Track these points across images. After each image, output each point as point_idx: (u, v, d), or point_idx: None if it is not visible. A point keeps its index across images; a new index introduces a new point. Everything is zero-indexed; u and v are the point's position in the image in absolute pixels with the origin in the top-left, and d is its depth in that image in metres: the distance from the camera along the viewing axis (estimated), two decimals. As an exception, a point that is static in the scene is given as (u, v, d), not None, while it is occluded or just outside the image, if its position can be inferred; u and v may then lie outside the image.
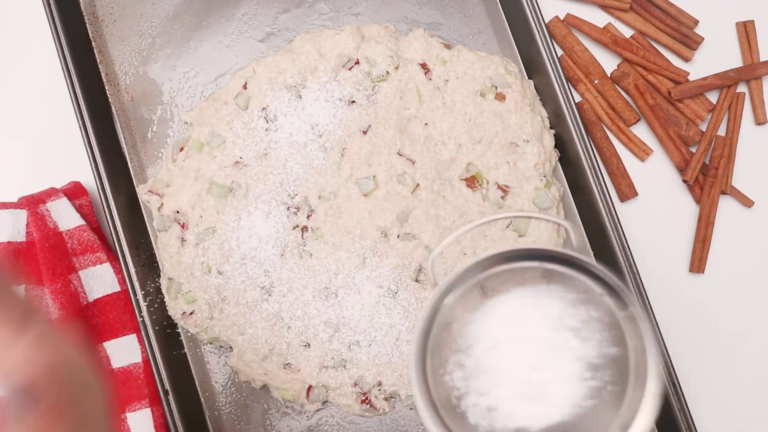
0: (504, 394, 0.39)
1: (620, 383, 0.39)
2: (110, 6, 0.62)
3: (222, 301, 0.57)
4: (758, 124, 0.62)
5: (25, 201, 0.56)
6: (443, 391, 0.40)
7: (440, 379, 0.40)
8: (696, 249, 0.60)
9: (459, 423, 0.39)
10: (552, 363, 0.39)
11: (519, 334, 0.40)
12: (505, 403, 0.39)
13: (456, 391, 0.40)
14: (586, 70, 0.62)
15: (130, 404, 0.56)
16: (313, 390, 0.56)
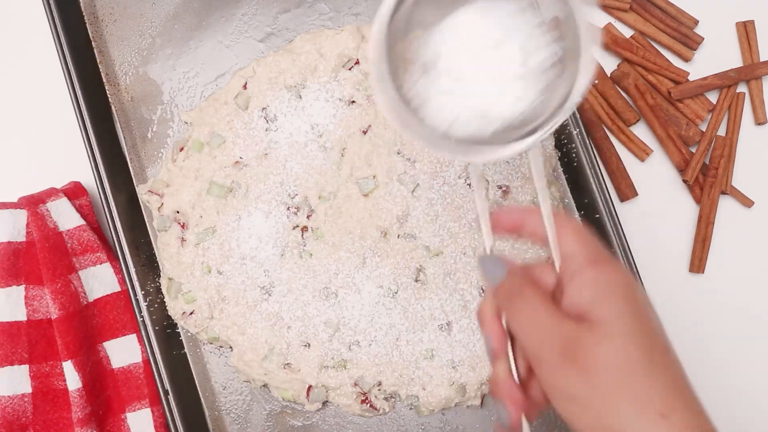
0: (462, 96, 0.40)
1: (565, 76, 0.39)
2: (110, 6, 0.62)
3: (222, 301, 0.57)
4: (758, 124, 0.62)
5: (25, 201, 0.56)
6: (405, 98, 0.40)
7: (402, 88, 0.40)
8: (696, 249, 0.60)
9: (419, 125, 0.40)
10: (504, 64, 0.39)
11: (476, 39, 0.40)
12: (462, 109, 0.40)
13: (418, 98, 0.40)
14: (586, 70, 0.62)
15: (130, 404, 0.56)
16: (313, 390, 0.56)
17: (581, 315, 0.35)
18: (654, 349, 0.34)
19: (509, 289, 0.37)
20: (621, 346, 0.33)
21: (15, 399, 0.54)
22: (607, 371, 0.33)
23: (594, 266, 0.35)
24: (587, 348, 0.33)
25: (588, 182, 0.57)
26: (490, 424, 0.58)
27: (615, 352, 0.33)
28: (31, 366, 0.55)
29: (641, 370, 0.33)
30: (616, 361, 0.33)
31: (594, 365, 0.33)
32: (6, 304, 0.55)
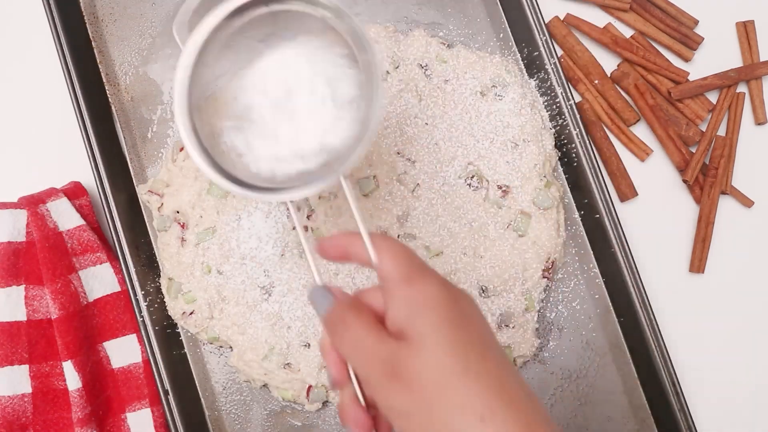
0: (280, 141, 0.41)
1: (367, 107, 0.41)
2: (110, 6, 0.62)
3: (222, 301, 0.57)
4: (758, 124, 0.62)
5: (25, 201, 0.56)
6: (223, 154, 0.41)
7: (219, 145, 0.42)
8: (696, 249, 0.60)
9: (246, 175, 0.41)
10: (317, 99, 0.41)
11: (284, 80, 0.42)
12: (283, 150, 0.41)
13: (236, 150, 0.42)
14: (586, 70, 0.62)
15: (130, 404, 0.56)
16: (313, 390, 0.56)
17: (401, 332, 0.36)
18: (469, 356, 0.34)
19: (333, 317, 0.38)
20: (435, 357, 0.34)
21: (15, 399, 0.54)
22: (427, 382, 0.34)
23: (408, 283, 0.36)
24: (406, 363, 0.35)
25: (588, 182, 0.57)
26: (490, 424, 0.58)
27: (430, 363, 0.34)
28: (31, 366, 0.55)
29: (457, 377, 0.34)
30: (433, 372, 0.34)
31: (414, 379, 0.34)
32: (6, 304, 0.55)
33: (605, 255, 0.57)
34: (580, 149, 0.57)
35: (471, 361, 0.35)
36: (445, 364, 0.34)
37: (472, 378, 0.34)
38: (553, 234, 0.57)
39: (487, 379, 0.34)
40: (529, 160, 0.57)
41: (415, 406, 0.34)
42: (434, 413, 0.34)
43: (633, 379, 0.58)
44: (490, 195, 0.57)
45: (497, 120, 0.58)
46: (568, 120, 0.57)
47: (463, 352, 0.35)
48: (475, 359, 0.35)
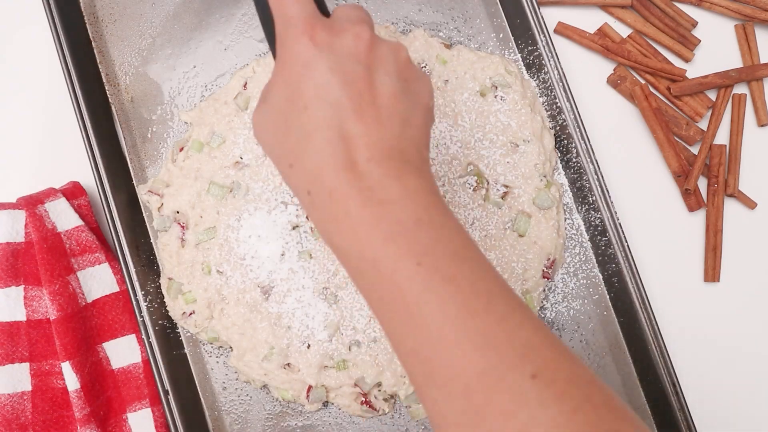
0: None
1: None
2: (110, 6, 0.62)
3: (222, 301, 0.57)
4: (761, 126, 0.62)
5: (24, 201, 0.56)
6: None
7: None
8: (708, 258, 0.60)
9: None
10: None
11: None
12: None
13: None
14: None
15: (130, 404, 0.56)
16: (313, 390, 0.56)
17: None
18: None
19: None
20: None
21: (14, 397, 0.54)
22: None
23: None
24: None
25: (588, 182, 0.57)
26: (490, 424, 0.58)
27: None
28: (32, 364, 0.55)
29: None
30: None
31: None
32: (5, 305, 0.54)
33: (605, 255, 0.58)
34: (581, 149, 0.57)
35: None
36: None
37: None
38: (553, 234, 0.57)
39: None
40: (529, 161, 0.58)
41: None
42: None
43: (633, 379, 0.58)
44: (490, 195, 0.57)
45: (497, 120, 0.58)
46: (568, 120, 0.57)
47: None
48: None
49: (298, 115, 0.37)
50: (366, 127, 0.36)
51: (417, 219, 0.35)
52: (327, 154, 0.36)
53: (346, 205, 0.35)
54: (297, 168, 0.37)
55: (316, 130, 0.36)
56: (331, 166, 0.36)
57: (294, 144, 0.37)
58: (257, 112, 0.40)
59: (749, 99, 0.62)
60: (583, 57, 0.63)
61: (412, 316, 0.34)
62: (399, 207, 0.35)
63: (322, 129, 0.36)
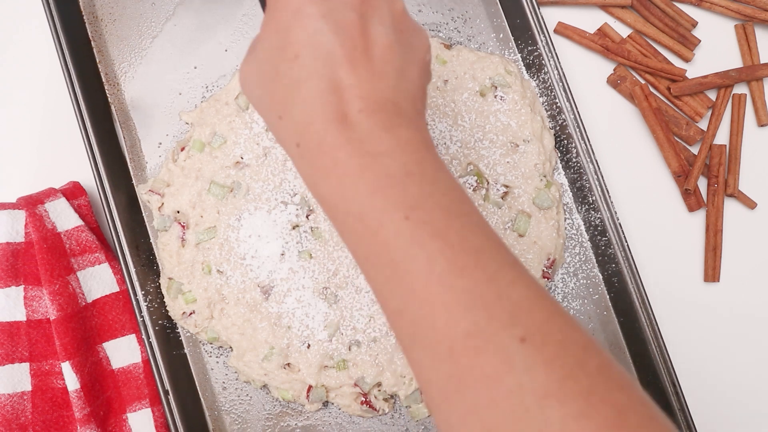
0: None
1: None
2: (110, 6, 0.61)
3: (222, 301, 0.56)
4: (761, 126, 0.62)
5: (24, 201, 0.56)
6: None
7: None
8: (708, 258, 0.60)
9: None
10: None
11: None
12: None
13: None
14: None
15: (130, 404, 0.56)
16: (313, 390, 0.56)
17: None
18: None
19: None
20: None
21: (14, 397, 0.54)
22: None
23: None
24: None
25: (588, 182, 0.57)
26: (490, 424, 0.58)
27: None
28: (32, 364, 0.55)
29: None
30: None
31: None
32: (5, 305, 0.54)
33: (605, 255, 0.58)
34: (581, 149, 0.57)
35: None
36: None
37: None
38: (553, 234, 0.57)
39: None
40: (529, 160, 0.58)
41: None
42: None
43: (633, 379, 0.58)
44: (490, 195, 0.57)
45: (497, 120, 0.58)
46: (568, 120, 0.57)
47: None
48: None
49: (288, 65, 0.36)
50: (358, 78, 0.35)
51: (407, 171, 0.33)
52: (317, 105, 0.35)
53: (334, 156, 0.34)
54: (286, 119, 0.36)
55: (307, 80, 0.35)
56: (321, 116, 0.34)
57: (283, 94, 0.36)
58: (245, 62, 0.38)
59: (749, 99, 0.62)
60: (583, 57, 0.63)
61: (397, 274, 0.32)
62: (389, 159, 0.34)
63: (312, 78, 0.35)
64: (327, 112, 0.34)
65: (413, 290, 0.32)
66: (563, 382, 0.29)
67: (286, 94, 0.36)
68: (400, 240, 0.32)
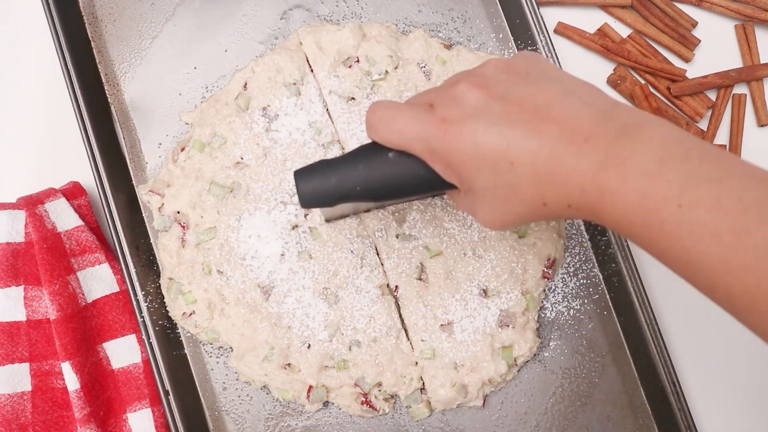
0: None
1: None
2: (109, 6, 0.62)
3: (222, 302, 0.56)
4: (761, 126, 0.62)
5: (24, 201, 0.56)
6: None
7: None
8: None
9: None
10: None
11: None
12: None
13: None
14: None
15: (130, 404, 0.56)
16: (314, 390, 0.56)
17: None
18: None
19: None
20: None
21: (14, 397, 0.54)
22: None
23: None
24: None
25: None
26: (491, 424, 0.58)
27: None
28: (32, 364, 0.55)
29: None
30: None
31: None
32: (5, 305, 0.54)
33: (605, 255, 0.58)
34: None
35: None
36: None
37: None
38: (553, 234, 0.57)
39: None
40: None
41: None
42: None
43: (633, 379, 0.58)
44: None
45: (497, 120, 0.58)
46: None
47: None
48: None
49: (512, 173, 0.38)
50: (555, 130, 0.37)
51: (659, 159, 0.35)
52: (558, 171, 0.37)
53: (597, 188, 0.36)
54: (550, 201, 0.39)
55: (534, 167, 0.38)
56: (569, 173, 0.37)
57: (532, 191, 0.39)
58: (482, 211, 0.42)
59: (749, 99, 0.62)
60: (583, 57, 0.63)
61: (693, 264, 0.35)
62: (635, 159, 0.35)
63: (537, 163, 0.37)
64: (570, 166, 0.37)
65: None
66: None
67: (534, 187, 0.39)
68: (678, 227, 0.34)
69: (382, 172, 0.43)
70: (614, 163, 0.36)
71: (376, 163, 0.43)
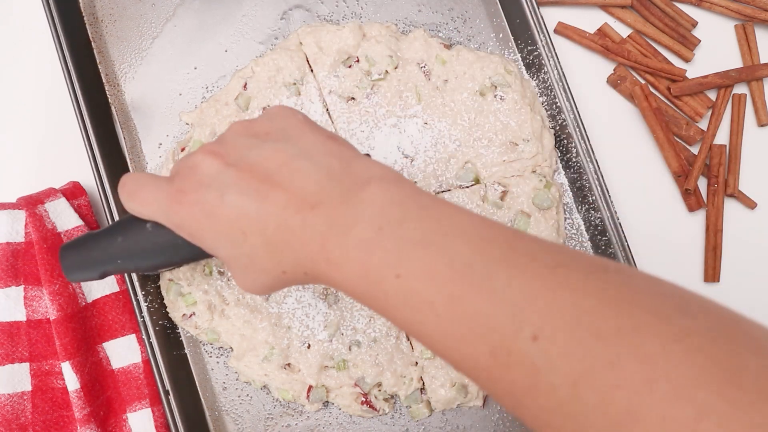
0: None
1: None
2: (110, 6, 0.62)
3: (222, 303, 0.56)
4: (761, 126, 0.62)
5: (24, 201, 0.56)
6: None
7: None
8: (708, 258, 0.60)
9: None
10: None
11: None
12: None
13: None
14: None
15: (130, 404, 0.56)
16: (314, 390, 0.56)
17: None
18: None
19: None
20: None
21: (14, 397, 0.54)
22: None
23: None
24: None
25: (588, 182, 0.57)
26: (491, 424, 0.58)
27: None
28: (32, 364, 0.55)
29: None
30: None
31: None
32: (5, 305, 0.54)
33: (605, 255, 0.58)
34: (580, 149, 0.57)
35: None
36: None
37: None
38: (553, 235, 0.57)
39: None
40: (528, 160, 0.58)
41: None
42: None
43: (633, 379, 0.58)
44: (489, 195, 0.57)
45: (497, 120, 0.58)
46: (568, 120, 0.57)
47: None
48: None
49: (248, 243, 0.38)
50: (279, 198, 0.36)
51: (378, 227, 0.34)
52: (290, 241, 0.37)
53: (327, 260, 0.36)
54: (287, 271, 0.38)
55: (265, 238, 0.37)
56: (300, 245, 0.36)
57: (270, 260, 0.38)
58: (236, 276, 0.41)
59: (749, 99, 0.62)
60: (583, 57, 0.63)
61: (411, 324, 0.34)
62: (357, 227, 0.35)
63: (266, 232, 0.37)
64: (301, 237, 0.36)
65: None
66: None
67: (270, 258, 0.38)
68: (398, 297, 0.33)
69: (141, 245, 0.43)
70: (337, 232, 0.35)
71: (135, 236, 0.44)
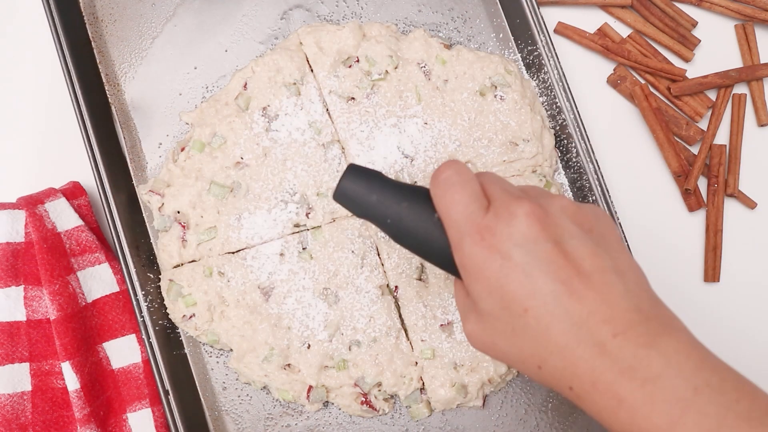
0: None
1: None
2: (110, 6, 0.62)
3: (222, 304, 0.56)
4: (761, 126, 0.62)
5: (24, 201, 0.56)
6: None
7: None
8: (708, 258, 0.60)
9: None
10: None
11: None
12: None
13: None
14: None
15: (130, 404, 0.56)
16: (314, 390, 0.56)
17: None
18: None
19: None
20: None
21: (14, 397, 0.54)
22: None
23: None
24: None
25: (588, 182, 0.57)
26: (491, 424, 0.58)
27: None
28: (32, 364, 0.55)
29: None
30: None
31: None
32: (5, 305, 0.54)
33: (605, 255, 0.58)
34: (580, 149, 0.57)
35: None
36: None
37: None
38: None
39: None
40: (528, 160, 0.58)
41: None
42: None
43: (633, 379, 0.58)
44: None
45: (497, 120, 0.58)
46: (568, 120, 0.57)
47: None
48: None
49: (523, 320, 0.36)
50: (591, 304, 0.35)
51: (694, 388, 0.33)
52: (573, 347, 0.35)
53: (615, 393, 0.34)
54: (547, 368, 0.36)
55: (548, 328, 0.35)
56: (583, 358, 0.34)
57: (532, 347, 0.36)
58: (472, 323, 0.39)
59: (749, 99, 0.62)
60: (583, 57, 0.63)
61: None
62: (669, 381, 0.33)
63: (553, 324, 0.35)
64: (586, 352, 0.34)
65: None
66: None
67: (537, 345, 0.36)
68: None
69: (416, 224, 0.41)
70: (641, 376, 0.33)
71: (418, 214, 0.41)
